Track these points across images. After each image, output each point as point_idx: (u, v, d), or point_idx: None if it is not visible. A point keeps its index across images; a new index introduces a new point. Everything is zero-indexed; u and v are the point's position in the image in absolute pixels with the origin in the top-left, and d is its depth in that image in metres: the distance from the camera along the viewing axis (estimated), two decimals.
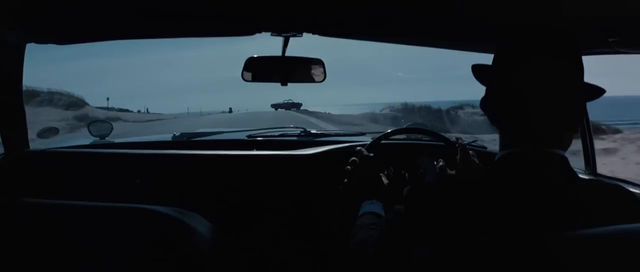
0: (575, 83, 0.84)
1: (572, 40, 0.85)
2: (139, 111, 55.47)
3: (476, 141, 2.18)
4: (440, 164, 1.46)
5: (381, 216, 1.17)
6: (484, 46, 1.51)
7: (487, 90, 0.89)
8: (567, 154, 0.85)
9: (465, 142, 1.78)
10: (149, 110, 59.63)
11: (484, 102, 0.89)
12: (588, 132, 1.75)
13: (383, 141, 1.74)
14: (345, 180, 1.35)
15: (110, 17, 1.34)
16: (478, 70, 0.92)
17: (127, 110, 47.98)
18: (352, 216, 1.22)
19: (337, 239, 1.65)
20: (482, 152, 1.85)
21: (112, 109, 40.79)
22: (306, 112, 35.17)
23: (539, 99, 0.81)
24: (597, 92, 0.89)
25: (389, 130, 1.82)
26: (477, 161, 1.43)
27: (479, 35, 1.34)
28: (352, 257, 1.03)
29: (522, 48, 0.84)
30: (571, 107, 0.84)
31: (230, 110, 61.12)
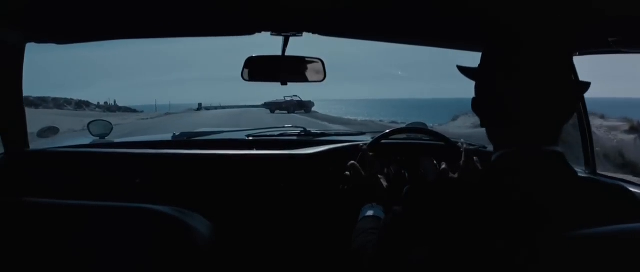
0: (565, 79, 0.84)
1: (560, 36, 0.85)
2: (105, 103, 48.52)
3: (484, 146, 2.15)
4: (443, 166, 1.45)
5: (381, 220, 1.16)
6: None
7: (477, 92, 0.89)
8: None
9: (472, 148, 1.77)
10: (116, 102, 51.63)
11: (476, 103, 0.89)
12: (588, 132, 1.75)
13: (383, 141, 1.74)
14: (345, 185, 1.35)
15: (110, 17, 1.34)
16: (465, 70, 0.92)
17: (87, 104, 41.78)
18: (352, 216, 1.21)
19: (337, 239, 1.65)
20: (483, 152, 1.85)
21: None
22: (327, 117, 24.24)
23: (532, 97, 0.81)
24: (584, 86, 0.90)
25: (389, 130, 1.82)
26: (480, 167, 1.42)
27: (481, 34, 1.34)
28: (351, 261, 1.02)
29: (511, 46, 0.84)
30: (564, 103, 0.84)
31: (200, 107, 45.48)
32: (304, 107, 29.97)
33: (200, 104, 46.90)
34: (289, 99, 29.81)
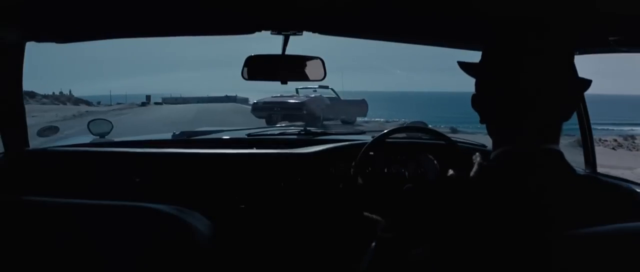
0: (566, 77, 0.84)
1: (561, 34, 0.85)
2: (61, 93, 38.83)
3: (483, 145, 2.13)
4: (451, 173, 1.44)
5: None
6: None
7: (477, 88, 0.89)
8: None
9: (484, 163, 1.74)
10: (71, 92, 40.99)
11: (475, 100, 0.89)
12: (588, 131, 1.75)
13: (383, 140, 1.75)
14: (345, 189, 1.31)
15: (110, 16, 1.34)
16: (465, 67, 0.92)
17: (32, 94, 33.36)
18: (351, 216, 1.20)
19: (337, 237, 1.65)
20: (482, 151, 1.85)
21: None
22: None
23: (533, 95, 0.81)
24: (585, 84, 0.90)
25: (389, 130, 1.82)
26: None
27: (480, 32, 1.34)
28: None
29: (514, 43, 0.84)
30: (564, 101, 0.84)
31: (147, 101, 34.09)
32: (346, 112, 13.79)
33: (148, 97, 35.71)
34: (314, 94, 13.53)
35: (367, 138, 2.11)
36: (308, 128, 2.43)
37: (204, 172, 1.88)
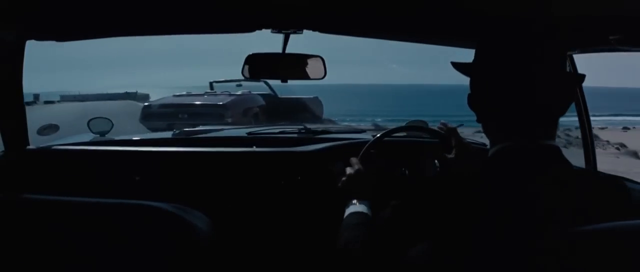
0: (559, 72, 0.84)
1: (554, 30, 0.86)
2: None
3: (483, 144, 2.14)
4: (440, 154, 1.43)
5: (368, 215, 1.14)
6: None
7: (472, 86, 0.89)
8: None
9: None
10: None
11: (471, 99, 0.89)
12: (588, 130, 1.75)
13: (384, 139, 1.75)
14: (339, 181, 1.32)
15: (110, 14, 1.34)
16: (459, 66, 0.92)
17: None
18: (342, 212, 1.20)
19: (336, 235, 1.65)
20: (481, 149, 1.85)
21: None
22: None
23: (529, 92, 0.81)
24: (579, 78, 0.91)
25: (390, 128, 1.83)
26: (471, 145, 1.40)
27: (477, 30, 1.34)
28: (339, 257, 0.98)
29: (505, 41, 0.84)
30: (560, 96, 0.84)
31: (35, 100, 30.70)
32: (289, 115, 8.98)
33: (36, 95, 31.94)
34: (240, 91, 9.53)
35: (367, 137, 2.12)
36: (308, 127, 2.43)
37: (204, 171, 1.88)
